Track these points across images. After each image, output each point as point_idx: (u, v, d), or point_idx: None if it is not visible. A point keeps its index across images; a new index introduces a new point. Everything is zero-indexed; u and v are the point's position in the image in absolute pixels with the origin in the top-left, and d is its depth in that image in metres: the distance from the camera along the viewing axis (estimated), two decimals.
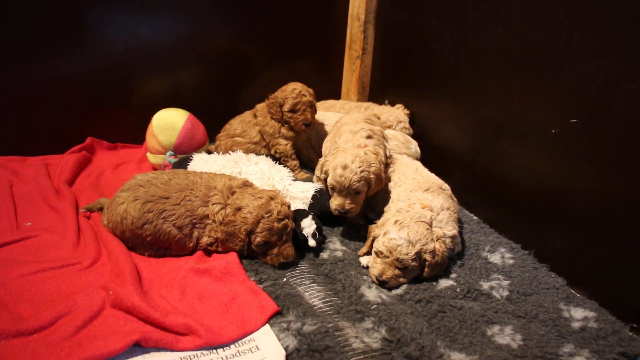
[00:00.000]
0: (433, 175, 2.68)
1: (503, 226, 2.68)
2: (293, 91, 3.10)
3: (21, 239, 2.34)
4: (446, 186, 2.59)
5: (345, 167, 2.39)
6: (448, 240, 2.30)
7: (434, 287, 2.20)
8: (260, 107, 3.25)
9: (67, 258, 2.22)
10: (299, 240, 2.37)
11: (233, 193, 2.33)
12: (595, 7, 2.10)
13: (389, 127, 3.33)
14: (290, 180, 2.76)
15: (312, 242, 2.35)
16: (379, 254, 2.21)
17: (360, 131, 2.64)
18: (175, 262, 2.28)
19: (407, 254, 2.15)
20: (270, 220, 2.23)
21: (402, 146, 3.02)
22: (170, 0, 3.37)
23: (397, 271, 2.17)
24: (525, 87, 2.50)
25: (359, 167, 2.39)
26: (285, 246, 2.29)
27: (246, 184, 2.43)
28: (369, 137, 2.64)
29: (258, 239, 2.24)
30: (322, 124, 3.32)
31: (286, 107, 3.10)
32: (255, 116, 3.23)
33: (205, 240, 2.31)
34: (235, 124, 3.27)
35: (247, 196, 2.28)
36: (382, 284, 2.19)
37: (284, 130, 3.17)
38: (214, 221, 2.29)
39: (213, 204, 2.29)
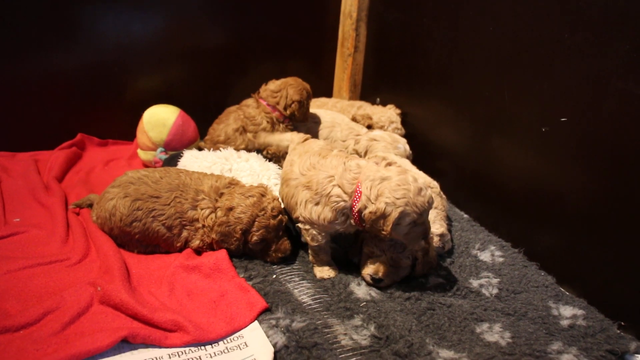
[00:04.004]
0: (420, 172, 2.66)
1: (493, 224, 2.69)
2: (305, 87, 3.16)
3: (9, 234, 2.32)
4: (434, 184, 2.58)
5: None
6: (436, 239, 2.30)
7: (423, 285, 2.21)
8: (250, 115, 3.09)
9: (55, 254, 2.20)
10: (291, 235, 2.37)
11: (221, 195, 2.30)
12: (586, 6, 2.11)
13: (381, 127, 3.33)
14: (279, 179, 2.74)
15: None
16: (370, 254, 2.21)
17: None
18: (164, 259, 2.27)
19: (400, 252, 2.14)
20: (266, 218, 2.22)
21: (390, 146, 3.01)
22: None
23: (391, 269, 2.17)
24: (516, 86, 2.50)
25: None
26: (282, 241, 2.28)
27: (232, 183, 2.39)
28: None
29: (255, 238, 2.22)
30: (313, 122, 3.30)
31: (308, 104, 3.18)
32: (244, 130, 3.09)
33: (196, 243, 2.29)
34: (219, 130, 3.15)
35: (236, 196, 2.26)
36: (377, 282, 2.17)
37: (283, 130, 3.10)
38: (203, 226, 2.28)
39: (202, 209, 2.27)
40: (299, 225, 2.22)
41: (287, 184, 2.26)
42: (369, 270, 2.18)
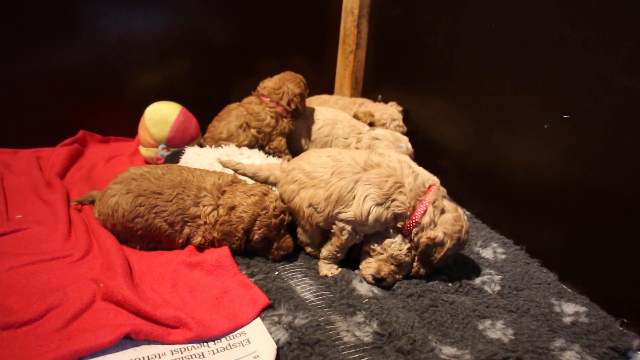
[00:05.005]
0: (421, 169, 2.64)
1: (495, 221, 2.69)
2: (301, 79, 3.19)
3: (11, 231, 2.32)
4: (434, 179, 2.56)
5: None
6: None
7: (425, 282, 2.20)
8: (254, 111, 3.09)
9: (57, 251, 2.20)
10: (294, 232, 2.37)
11: (223, 192, 2.30)
12: (588, 2, 2.10)
13: (383, 125, 3.32)
14: None
15: None
16: (371, 252, 2.21)
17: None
18: (166, 255, 2.27)
19: (400, 250, 2.14)
20: (268, 217, 2.22)
21: (392, 145, 3.01)
22: None
23: (392, 267, 2.16)
24: (518, 83, 2.50)
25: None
26: (284, 239, 2.28)
27: (234, 181, 2.38)
28: None
29: (256, 236, 2.23)
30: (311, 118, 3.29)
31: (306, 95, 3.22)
32: (248, 126, 3.10)
33: (198, 240, 2.29)
34: (220, 127, 3.13)
35: (238, 194, 2.25)
36: (379, 282, 2.17)
37: (287, 124, 3.13)
38: (205, 222, 2.27)
39: (204, 206, 2.27)
40: (339, 223, 2.17)
41: (343, 176, 2.14)
42: (370, 270, 2.18)
